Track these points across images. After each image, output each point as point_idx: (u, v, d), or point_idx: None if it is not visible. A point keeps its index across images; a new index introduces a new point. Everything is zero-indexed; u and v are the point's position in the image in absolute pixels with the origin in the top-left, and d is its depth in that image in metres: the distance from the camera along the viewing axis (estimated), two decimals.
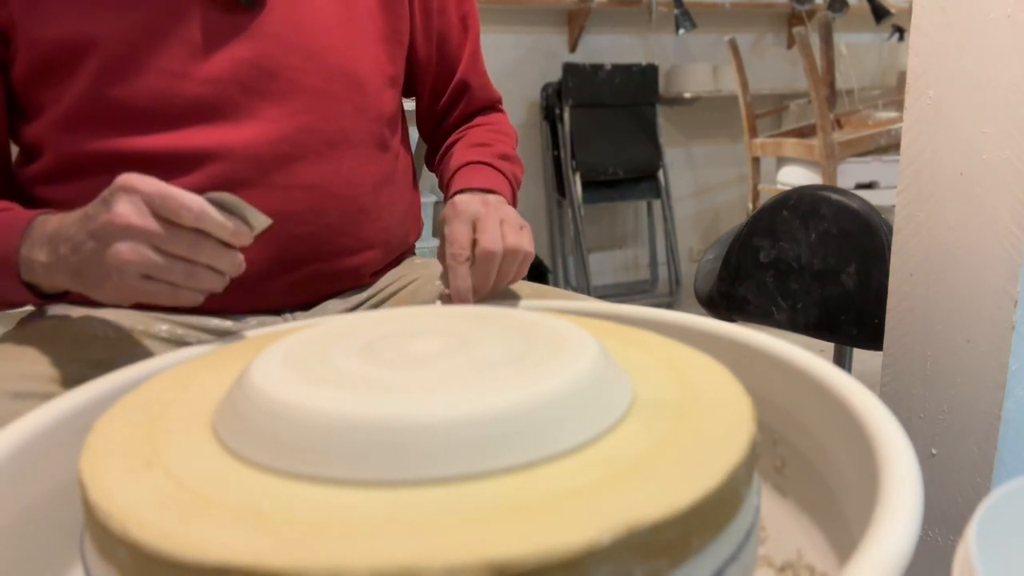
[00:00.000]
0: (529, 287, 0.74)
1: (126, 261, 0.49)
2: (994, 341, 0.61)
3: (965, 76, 0.61)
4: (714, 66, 3.24)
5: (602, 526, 0.28)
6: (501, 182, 0.77)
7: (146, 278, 0.51)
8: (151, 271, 0.50)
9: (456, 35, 0.87)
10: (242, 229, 0.51)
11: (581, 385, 0.36)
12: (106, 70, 0.65)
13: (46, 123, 0.67)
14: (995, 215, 0.60)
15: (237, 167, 0.68)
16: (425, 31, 0.84)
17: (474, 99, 0.90)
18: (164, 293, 0.51)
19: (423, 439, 0.32)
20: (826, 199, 1.00)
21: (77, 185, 0.67)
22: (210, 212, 0.49)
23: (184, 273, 0.51)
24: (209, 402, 0.40)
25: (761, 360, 0.49)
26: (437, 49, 0.85)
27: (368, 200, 0.75)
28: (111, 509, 0.30)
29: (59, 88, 0.66)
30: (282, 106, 0.70)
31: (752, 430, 0.36)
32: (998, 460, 0.63)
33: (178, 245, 0.50)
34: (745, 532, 0.34)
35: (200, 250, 0.50)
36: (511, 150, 0.85)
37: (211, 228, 0.50)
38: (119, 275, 0.50)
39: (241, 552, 0.27)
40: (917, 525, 0.30)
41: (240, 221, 0.51)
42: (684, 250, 3.44)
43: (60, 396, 0.46)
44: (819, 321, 1.02)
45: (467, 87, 0.89)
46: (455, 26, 0.86)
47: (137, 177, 0.50)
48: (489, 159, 0.79)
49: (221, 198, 0.50)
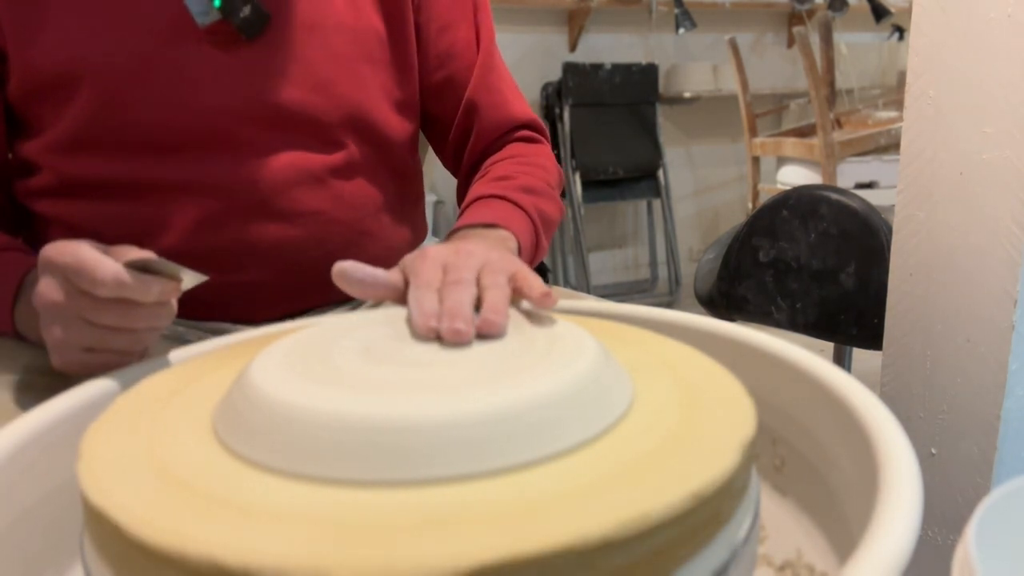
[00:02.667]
0: None
1: (60, 339, 0.48)
2: (994, 341, 0.61)
3: (965, 76, 0.61)
4: (714, 65, 3.24)
5: (602, 526, 0.28)
6: (515, 217, 0.67)
7: (88, 351, 0.49)
8: (89, 344, 0.48)
9: (463, 52, 0.78)
10: (167, 287, 0.48)
11: (580, 385, 0.36)
12: (103, 98, 0.64)
13: (44, 143, 0.66)
14: (995, 215, 0.60)
15: (235, 196, 0.66)
16: (429, 52, 0.77)
17: (486, 121, 0.79)
18: (112, 360, 0.49)
19: (423, 439, 0.32)
20: (826, 199, 1.00)
21: (77, 204, 0.67)
22: (126, 282, 0.46)
23: (126, 340, 0.49)
24: (209, 401, 0.40)
25: (761, 360, 0.49)
26: (442, 69, 0.78)
27: (371, 222, 0.73)
28: (110, 508, 0.30)
29: (56, 111, 0.65)
30: (283, 137, 0.68)
31: (751, 429, 0.36)
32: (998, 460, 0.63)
33: (107, 316, 0.47)
34: (745, 532, 0.34)
35: (135, 317, 0.48)
36: (540, 183, 0.73)
37: (133, 296, 0.46)
38: (61, 352, 0.49)
39: (241, 552, 0.27)
40: (917, 525, 0.30)
41: (165, 279, 0.48)
42: (684, 249, 3.44)
43: (60, 395, 0.46)
44: (819, 321, 1.02)
45: (475, 107, 0.78)
46: (462, 42, 0.78)
47: (55, 250, 0.47)
48: (505, 192, 0.70)
49: (145, 262, 0.47)
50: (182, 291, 0.49)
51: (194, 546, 0.27)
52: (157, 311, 0.48)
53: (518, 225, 0.66)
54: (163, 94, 0.64)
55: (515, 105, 0.80)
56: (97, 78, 0.63)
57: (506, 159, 0.76)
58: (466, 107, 0.78)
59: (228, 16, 0.64)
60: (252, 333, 0.57)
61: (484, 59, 0.78)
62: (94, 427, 0.38)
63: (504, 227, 0.64)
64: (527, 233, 0.67)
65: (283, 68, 0.67)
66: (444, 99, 0.78)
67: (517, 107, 0.80)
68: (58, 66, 0.63)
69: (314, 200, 0.69)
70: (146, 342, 0.50)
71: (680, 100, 3.25)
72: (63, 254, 0.46)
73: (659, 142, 3.08)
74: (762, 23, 3.57)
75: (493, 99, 0.79)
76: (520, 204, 0.68)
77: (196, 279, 0.49)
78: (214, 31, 0.64)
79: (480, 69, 0.78)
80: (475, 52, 0.78)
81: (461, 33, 0.78)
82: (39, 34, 0.63)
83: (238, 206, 0.66)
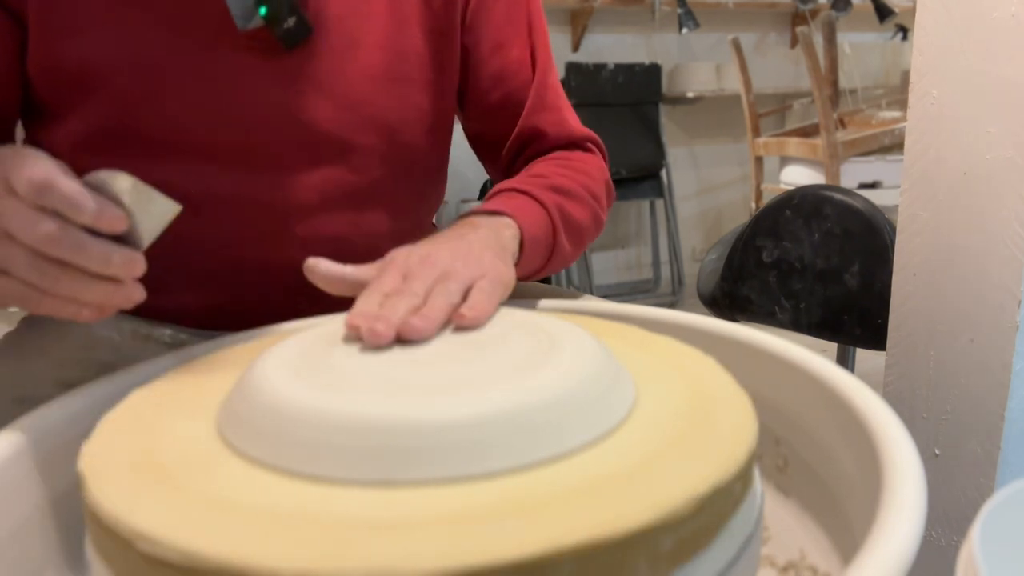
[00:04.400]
0: (531, 286, 0.74)
1: None
2: (998, 341, 0.61)
3: (969, 75, 0.61)
4: (717, 65, 3.24)
5: (603, 528, 0.28)
6: (527, 209, 0.64)
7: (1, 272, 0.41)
8: (3, 263, 0.40)
9: (518, 72, 0.74)
10: (109, 212, 0.39)
11: (582, 387, 0.36)
12: (130, 96, 0.60)
13: (65, 135, 0.63)
14: (999, 215, 0.60)
15: (258, 216, 0.64)
16: (482, 72, 0.73)
17: (545, 141, 0.75)
18: (16, 294, 0.41)
19: (424, 440, 0.32)
20: (829, 199, 1.00)
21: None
22: (53, 186, 0.37)
23: (50, 276, 0.40)
24: (212, 402, 0.40)
25: (764, 360, 0.49)
26: (496, 90, 0.73)
27: (389, 245, 0.69)
28: (114, 511, 0.30)
29: (79, 103, 0.62)
30: (310, 156, 0.65)
31: (754, 431, 0.36)
32: (1002, 460, 0.63)
33: (28, 229, 0.38)
34: (748, 532, 0.34)
35: (77, 249, 0.39)
36: (575, 186, 0.69)
37: (61, 208, 0.38)
38: None
39: (243, 552, 0.27)
40: (920, 526, 0.30)
41: (112, 203, 0.39)
42: (687, 249, 3.44)
43: (61, 397, 0.46)
44: (822, 321, 1.02)
45: (533, 127, 0.74)
46: (515, 62, 0.73)
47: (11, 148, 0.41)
48: (528, 187, 0.66)
49: (103, 179, 0.39)
50: (126, 222, 0.40)
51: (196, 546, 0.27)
52: (106, 254, 0.39)
53: (527, 217, 0.63)
54: (193, 97, 0.62)
55: (573, 123, 0.77)
56: (125, 73, 0.60)
57: (549, 160, 0.74)
58: (523, 127, 0.75)
59: (272, 24, 0.61)
60: (253, 334, 0.57)
61: (540, 77, 0.75)
62: (98, 429, 0.38)
63: (509, 215, 0.62)
64: (537, 226, 0.64)
65: (317, 83, 0.64)
66: (499, 120, 0.75)
67: (575, 124, 0.78)
68: (84, 55, 0.59)
69: (335, 226, 0.67)
70: (78, 294, 0.40)
71: (683, 100, 3.25)
72: (15, 150, 0.40)
73: (662, 142, 3.08)
74: (765, 23, 3.57)
75: (552, 117, 0.75)
76: (540, 199, 0.65)
77: (170, 210, 0.41)
78: (254, 36, 0.61)
79: (537, 88, 0.74)
80: (531, 71, 0.75)
81: (515, 53, 0.74)
82: (68, 18, 0.59)
83: (259, 226, 0.64)
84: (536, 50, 0.75)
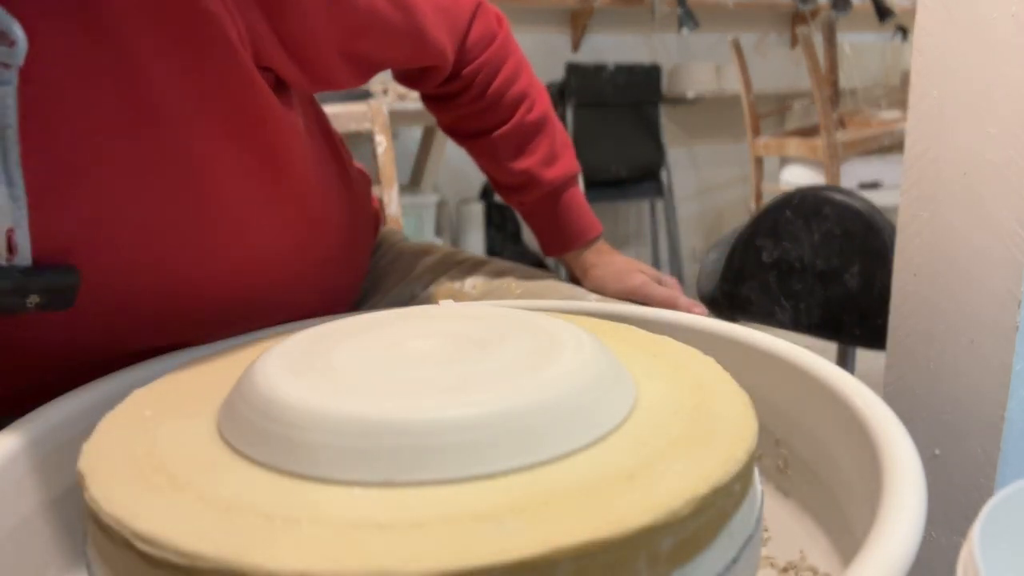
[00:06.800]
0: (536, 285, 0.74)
1: None
2: (998, 342, 0.61)
3: (969, 76, 0.61)
4: (717, 65, 3.24)
5: (603, 530, 0.28)
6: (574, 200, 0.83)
7: None
8: None
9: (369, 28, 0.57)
10: None
11: (583, 386, 0.36)
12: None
13: None
14: (999, 216, 0.60)
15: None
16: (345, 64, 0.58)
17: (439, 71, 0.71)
18: None
19: (424, 440, 0.32)
20: (829, 199, 1.00)
21: None
22: None
23: None
24: (212, 403, 0.40)
25: (764, 360, 0.49)
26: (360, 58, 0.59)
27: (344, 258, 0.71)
28: (114, 512, 0.30)
29: None
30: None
31: (754, 431, 0.36)
32: (1002, 461, 0.63)
33: None
34: (748, 533, 0.34)
35: None
36: (533, 115, 0.82)
37: None
38: None
39: (243, 553, 0.27)
40: (920, 526, 0.30)
41: None
42: (687, 250, 3.44)
43: (61, 397, 0.46)
44: (822, 321, 1.02)
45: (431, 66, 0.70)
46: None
47: None
48: (550, 187, 0.80)
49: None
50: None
51: (197, 547, 0.27)
52: None
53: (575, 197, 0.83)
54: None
55: (460, 30, 0.74)
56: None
57: (489, 135, 0.79)
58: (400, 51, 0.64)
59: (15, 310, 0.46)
60: (253, 335, 0.57)
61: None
62: (98, 429, 0.38)
63: (590, 229, 0.85)
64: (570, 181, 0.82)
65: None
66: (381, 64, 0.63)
67: (463, 21, 0.74)
68: None
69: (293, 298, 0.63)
70: None
71: (683, 100, 3.25)
72: None
73: (662, 142, 3.08)
74: (765, 23, 3.57)
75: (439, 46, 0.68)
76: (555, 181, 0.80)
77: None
78: None
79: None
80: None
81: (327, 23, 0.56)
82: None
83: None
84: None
